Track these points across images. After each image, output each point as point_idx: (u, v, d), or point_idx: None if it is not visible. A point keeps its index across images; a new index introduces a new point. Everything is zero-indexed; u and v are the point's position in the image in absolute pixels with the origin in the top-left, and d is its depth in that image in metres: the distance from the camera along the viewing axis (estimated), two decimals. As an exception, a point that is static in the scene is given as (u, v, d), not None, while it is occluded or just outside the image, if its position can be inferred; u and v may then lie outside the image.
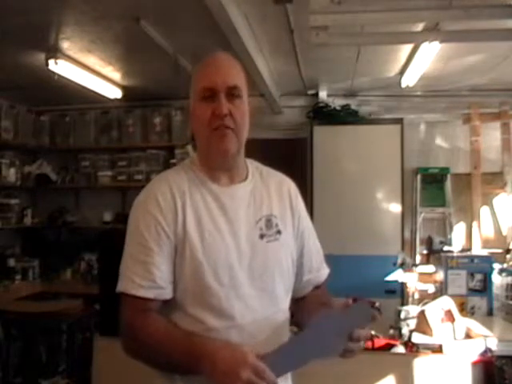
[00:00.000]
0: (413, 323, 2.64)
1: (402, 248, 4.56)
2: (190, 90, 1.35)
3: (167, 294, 1.26)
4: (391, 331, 2.73)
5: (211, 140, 1.29)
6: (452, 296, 2.75)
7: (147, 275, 1.23)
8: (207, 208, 1.30)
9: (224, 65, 1.32)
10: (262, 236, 1.32)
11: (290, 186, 1.46)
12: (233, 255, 1.27)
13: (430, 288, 3.29)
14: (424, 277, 3.43)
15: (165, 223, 1.26)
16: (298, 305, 1.46)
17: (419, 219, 4.83)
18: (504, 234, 4.63)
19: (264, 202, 1.36)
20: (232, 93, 1.28)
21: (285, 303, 1.37)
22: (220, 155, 1.30)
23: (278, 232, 1.35)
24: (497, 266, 3.08)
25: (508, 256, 3.60)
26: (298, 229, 1.42)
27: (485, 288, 2.91)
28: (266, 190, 1.39)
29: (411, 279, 3.50)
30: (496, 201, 4.79)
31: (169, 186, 1.30)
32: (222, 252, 1.27)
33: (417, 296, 3.39)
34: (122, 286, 1.25)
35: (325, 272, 1.51)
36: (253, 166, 1.43)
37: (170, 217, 1.27)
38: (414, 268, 3.62)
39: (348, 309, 1.21)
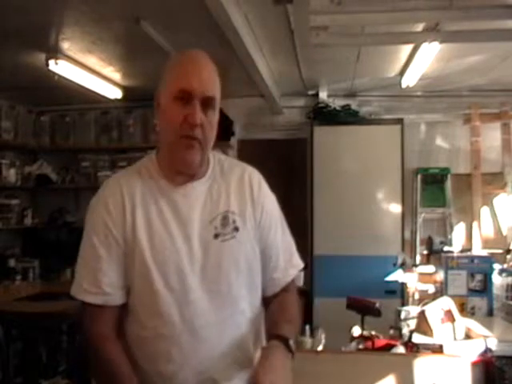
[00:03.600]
0: (413, 323, 2.64)
1: (402, 248, 4.55)
2: (162, 81, 1.28)
3: (116, 300, 1.26)
4: (391, 331, 2.74)
5: (177, 147, 1.25)
6: (452, 296, 2.75)
7: (95, 281, 1.25)
8: (159, 211, 1.26)
9: (205, 70, 1.25)
10: (216, 235, 1.27)
11: (252, 178, 1.36)
12: (184, 260, 1.24)
13: (430, 288, 3.29)
14: (424, 277, 3.43)
15: (113, 228, 1.25)
16: (265, 306, 1.37)
17: (419, 219, 4.83)
18: (504, 234, 4.63)
19: (221, 198, 1.30)
20: (207, 103, 1.23)
21: (246, 303, 1.31)
22: (183, 165, 1.27)
23: (235, 229, 1.28)
24: (497, 267, 3.07)
25: (508, 256, 3.60)
26: (259, 223, 1.33)
27: (485, 288, 2.91)
28: (225, 185, 1.32)
29: (411, 279, 3.50)
30: (496, 201, 4.79)
31: (120, 188, 1.28)
32: (173, 257, 1.24)
33: (417, 296, 3.39)
34: (73, 290, 1.28)
35: (293, 272, 1.39)
36: (215, 159, 1.36)
37: (119, 221, 1.25)
38: (414, 268, 3.62)
39: None
